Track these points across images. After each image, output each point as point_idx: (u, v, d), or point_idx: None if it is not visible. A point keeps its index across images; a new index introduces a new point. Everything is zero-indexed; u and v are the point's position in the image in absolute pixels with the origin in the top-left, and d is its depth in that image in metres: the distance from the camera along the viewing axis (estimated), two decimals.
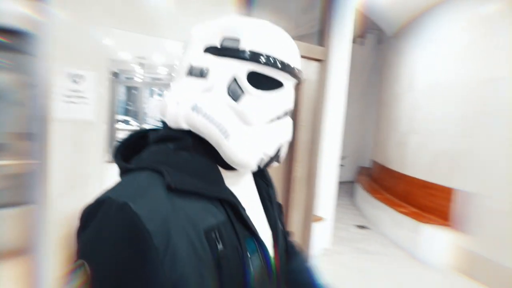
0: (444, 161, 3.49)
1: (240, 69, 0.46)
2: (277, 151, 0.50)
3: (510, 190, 2.76)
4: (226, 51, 0.46)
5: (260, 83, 0.47)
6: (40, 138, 1.56)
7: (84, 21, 1.64)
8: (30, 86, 1.58)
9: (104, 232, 0.37)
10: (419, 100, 4.07)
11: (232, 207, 0.46)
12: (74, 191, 1.63)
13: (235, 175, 0.52)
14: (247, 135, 0.46)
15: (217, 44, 0.47)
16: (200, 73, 0.47)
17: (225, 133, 0.45)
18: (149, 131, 0.54)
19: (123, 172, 0.47)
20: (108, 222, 0.37)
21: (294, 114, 2.39)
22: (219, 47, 0.47)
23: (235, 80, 0.46)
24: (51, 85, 1.54)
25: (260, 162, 0.48)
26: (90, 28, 1.67)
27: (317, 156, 2.91)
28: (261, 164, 0.49)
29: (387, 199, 4.27)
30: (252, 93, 0.46)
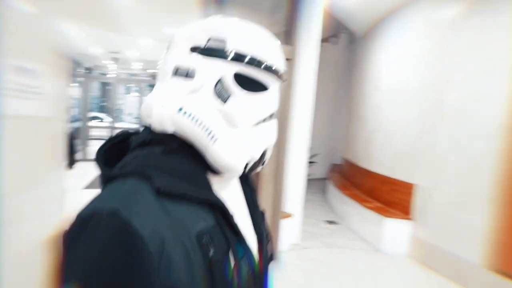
0: (405, 158, 3.67)
1: (227, 70, 0.46)
2: (263, 154, 0.50)
3: (459, 183, 2.96)
4: (213, 51, 0.46)
5: (246, 85, 0.47)
6: None
7: (43, 15, 1.58)
8: None
9: (96, 245, 0.35)
10: (383, 100, 4.24)
11: (221, 211, 0.45)
12: (28, 192, 1.58)
13: (222, 179, 0.50)
14: (234, 138, 0.45)
15: (203, 44, 0.47)
16: (186, 73, 0.46)
17: (211, 136, 0.45)
18: (131, 134, 0.53)
19: (107, 180, 0.44)
20: (99, 234, 0.35)
21: None
22: (205, 47, 0.46)
23: (221, 81, 0.46)
24: (3, 80, 1.50)
25: (247, 166, 0.48)
26: (50, 22, 1.62)
27: (284, 153, 2.97)
28: (247, 168, 0.48)
29: (355, 195, 4.42)
30: (238, 95, 0.46)
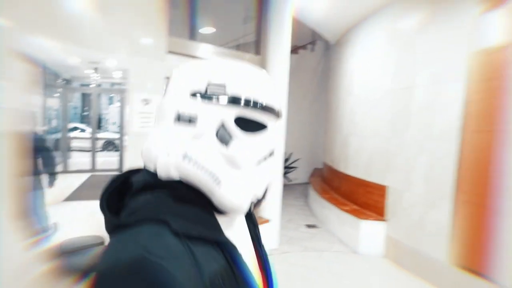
0: (378, 161, 3.77)
1: (228, 114, 0.47)
2: (265, 191, 0.52)
3: (427, 184, 3.07)
4: (213, 97, 0.47)
5: (245, 126, 0.48)
6: None
7: (14, 28, 1.58)
8: None
9: None
10: (356, 105, 4.36)
11: (230, 251, 0.46)
12: None
13: (228, 219, 0.52)
14: (238, 179, 0.47)
15: (203, 89, 0.48)
16: (188, 119, 0.48)
17: (216, 180, 0.46)
18: (129, 174, 0.53)
19: (114, 227, 0.44)
20: (138, 283, 0.35)
21: None
22: (205, 93, 0.48)
23: (223, 125, 0.47)
24: None
25: (251, 204, 0.50)
26: (21, 34, 1.62)
27: None
28: (251, 206, 0.50)
29: (333, 198, 4.50)
30: (240, 138, 0.48)
